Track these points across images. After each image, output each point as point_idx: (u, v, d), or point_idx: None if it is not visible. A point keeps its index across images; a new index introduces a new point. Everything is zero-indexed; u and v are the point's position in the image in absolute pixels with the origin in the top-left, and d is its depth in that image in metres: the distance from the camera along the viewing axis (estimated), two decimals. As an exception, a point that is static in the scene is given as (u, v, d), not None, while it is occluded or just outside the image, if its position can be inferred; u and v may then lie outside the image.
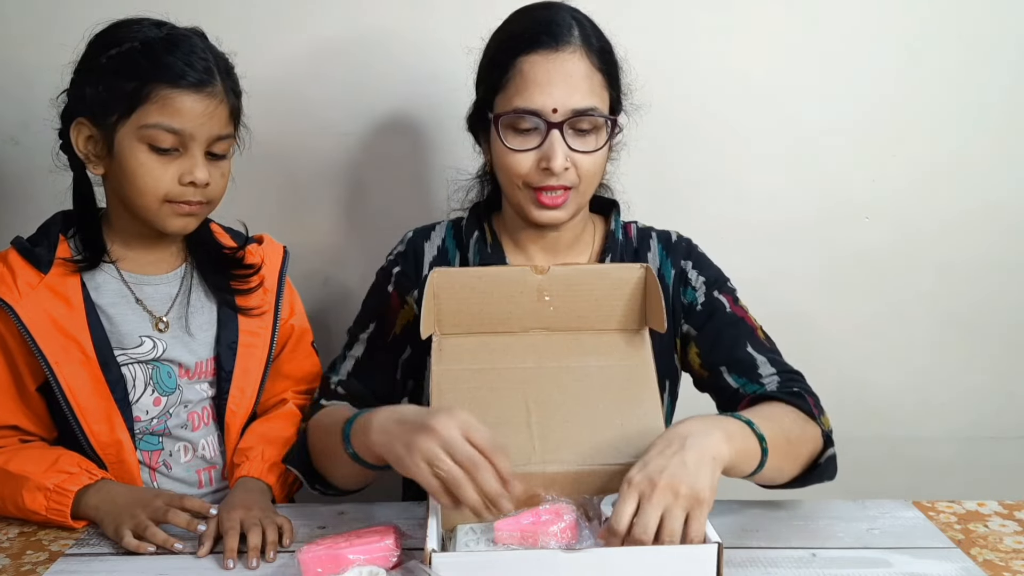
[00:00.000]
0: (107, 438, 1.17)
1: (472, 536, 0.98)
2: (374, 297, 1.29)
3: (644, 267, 1.09)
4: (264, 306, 1.29)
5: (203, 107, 1.12)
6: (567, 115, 1.13)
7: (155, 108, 1.10)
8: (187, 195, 1.14)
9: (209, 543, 1.04)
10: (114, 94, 1.11)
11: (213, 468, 1.27)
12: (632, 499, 0.88)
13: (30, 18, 1.54)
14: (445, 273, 1.09)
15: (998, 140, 1.64)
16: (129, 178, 1.13)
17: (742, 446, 0.96)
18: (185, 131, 1.11)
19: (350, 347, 1.25)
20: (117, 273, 1.21)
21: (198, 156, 1.14)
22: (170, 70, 1.11)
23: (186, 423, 1.24)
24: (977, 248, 1.69)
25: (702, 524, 0.88)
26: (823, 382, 1.71)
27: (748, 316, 1.24)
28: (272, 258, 1.33)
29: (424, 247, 1.29)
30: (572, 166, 1.15)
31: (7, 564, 1.04)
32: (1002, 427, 1.77)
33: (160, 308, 1.22)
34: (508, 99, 1.15)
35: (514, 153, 1.15)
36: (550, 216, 1.18)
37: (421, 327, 1.07)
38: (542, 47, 1.14)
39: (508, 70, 1.15)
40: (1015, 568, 1.01)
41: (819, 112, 1.62)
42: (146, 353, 1.20)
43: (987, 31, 1.60)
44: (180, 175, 1.13)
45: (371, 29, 1.57)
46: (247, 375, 1.27)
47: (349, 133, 1.61)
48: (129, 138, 1.12)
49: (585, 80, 1.14)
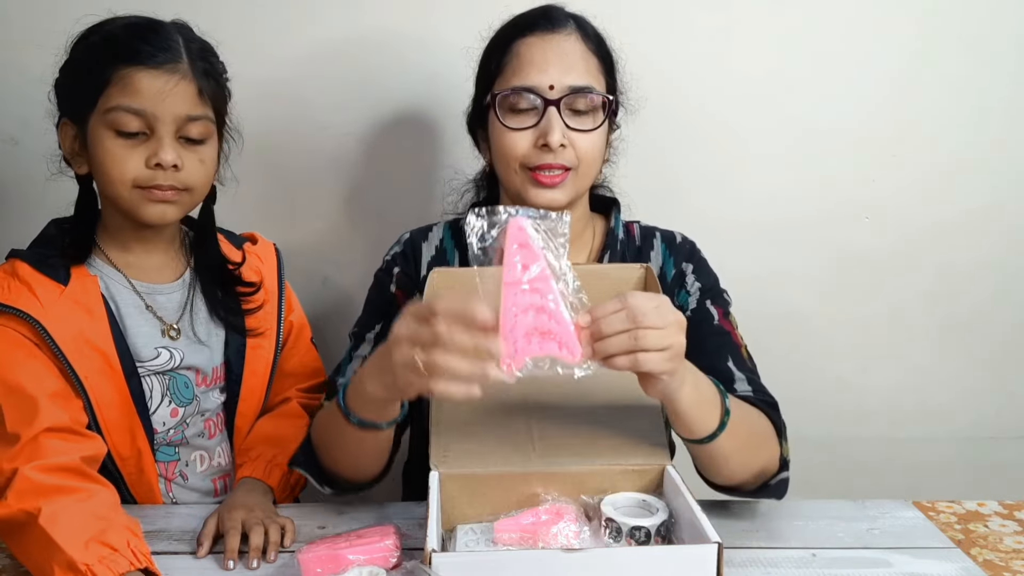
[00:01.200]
0: (128, 450, 1.15)
1: (472, 536, 0.98)
2: (377, 298, 1.27)
3: (644, 267, 1.09)
4: (265, 327, 1.28)
5: (162, 83, 1.08)
6: (564, 91, 1.14)
7: (116, 90, 1.08)
8: (157, 179, 1.10)
9: (208, 543, 1.04)
10: (82, 85, 1.10)
11: (228, 476, 1.26)
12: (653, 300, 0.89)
13: (30, 18, 1.54)
14: (446, 273, 1.09)
15: (998, 140, 1.64)
16: (99, 167, 1.11)
17: (706, 395, 0.99)
18: (146, 111, 1.08)
19: (356, 347, 1.23)
20: (128, 283, 1.19)
21: (165, 138, 1.09)
22: (127, 49, 1.08)
23: (203, 431, 1.23)
24: (977, 248, 1.69)
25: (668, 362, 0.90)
26: (823, 382, 1.73)
27: (735, 332, 1.22)
28: (267, 258, 1.32)
29: (422, 247, 1.28)
30: (570, 145, 1.15)
31: (7, 564, 1.03)
32: (1002, 427, 1.77)
33: (171, 316, 1.21)
34: (506, 80, 1.17)
35: (511, 132, 1.16)
36: (548, 197, 1.16)
37: None
38: (539, 29, 1.17)
39: (505, 53, 1.17)
40: (1015, 568, 1.01)
41: (819, 112, 1.62)
42: (163, 364, 1.18)
43: (987, 31, 1.60)
44: (147, 157, 1.09)
45: (370, 29, 1.57)
46: (255, 377, 1.26)
47: (349, 133, 1.61)
48: (97, 127, 1.09)
49: (581, 60, 1.16)
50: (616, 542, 0.95)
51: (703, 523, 0.89)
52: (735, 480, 1.08)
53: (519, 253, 0.86)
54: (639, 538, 0.94)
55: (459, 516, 1.02)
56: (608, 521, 0.95)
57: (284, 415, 1.29)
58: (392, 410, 1.00)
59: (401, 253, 1.28)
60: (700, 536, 0.87)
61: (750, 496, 1.11)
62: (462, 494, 1.01)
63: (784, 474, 1.10)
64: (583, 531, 0.95)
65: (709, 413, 0.99)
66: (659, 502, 0.99)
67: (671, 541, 0.96)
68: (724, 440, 1.00)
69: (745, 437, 1.04)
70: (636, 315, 0.87)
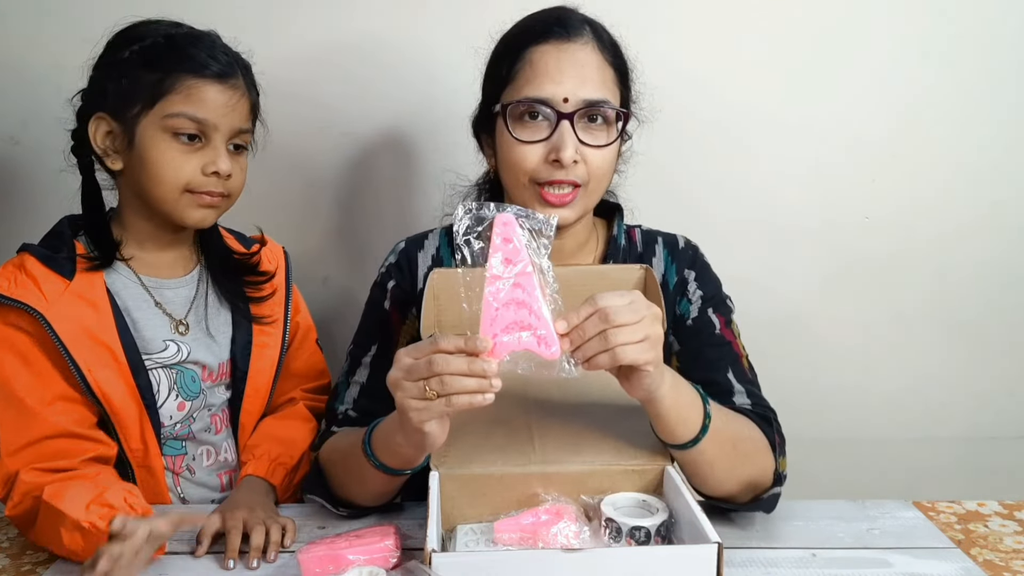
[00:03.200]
0: (136, 444, 1.16)
1: (472, 536, 0.98)
2: (372, 315, 1.24)
3: (644, 268, 1.09)
4: (275, 315, 1.29)
5: (226, 98, 1.13)
6: (578, 105, 1.10)
7: (179, 98, 1.11)
8: (209, 185, 1.14)
9: (207, 542, 1.04)
10: (137, 86, 1.11)
11: (234, 471, 1.27)
12: None
13: (30, 18, 1.54)
14: (446, 274, 1.09)
15: (1000, 142, 1.64)
16: (150, 168, 1.13)
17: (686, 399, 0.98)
18: (208, 121, 1.12)
19: (352, 372, 1.21)
20: (136, 277, 1.20)
21: (221, 147, 1.14)
22: (194, 61, 1.12)
23: (209, 426, 1.24)
24: (977, 249, 1.69)
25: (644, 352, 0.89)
26: (823, 382, 1.73)
27: (736, 343, 1.20)
28: (277, 259, 1.34)
29: (418, 257, 1.25)
30: (582, 160, 1.11)
31: (7, 564, 1.04)
32: (1002, 427, 1.77)
33: (179, 311, 1.22)
34: (517, 89, 1.12)
35: (521, 145, 1.11)
36: (557, 216, 1.15)
37: (421, 328, 1.06)
38: (554, 37, 1.11)
39: (517, 61, 1.12)
40: (1015, 568, 1.01)
41: (820, 114, 1.62)
42: (170, 357, 1.19)
43: (990, 33, 1.60)
44: (203, 165, 1.13)
45: (373, 31, 1.57)
46: (261, 375, 1.27)
47: (348, 133, 1.61)
48: (152, 128, 1.12)
49: (597, 71, 1.12)
50: (616, 542, 0.94)
51: (703, 523, 0.89)
52: (723, 490, 1.06)
53: (503, 248, 0.88)
54: (639, 538, 0.94)
55: (459, 516, 1.02)
56: (608, 521, 0.95)
57: (291, 416, 1.29)
58: (418, 459, 1.01)
59: (396, 264, 1.26)
60: (700, 536, 0.87)
61: (742, 509, 1.09)
62: (462, 494, 1.01)
63: (776, 489, 1.08)
64: (583, 531, 0.95)
65: (690, 416, 0.98)
66: (659, 502, 0.99)
67: (671, 541, 0.96)
68: (706, 446, 0.99)
69: (730, 445, 1.03)
70: (608, 315, 0.87)
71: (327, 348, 1.41)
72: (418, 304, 1.21)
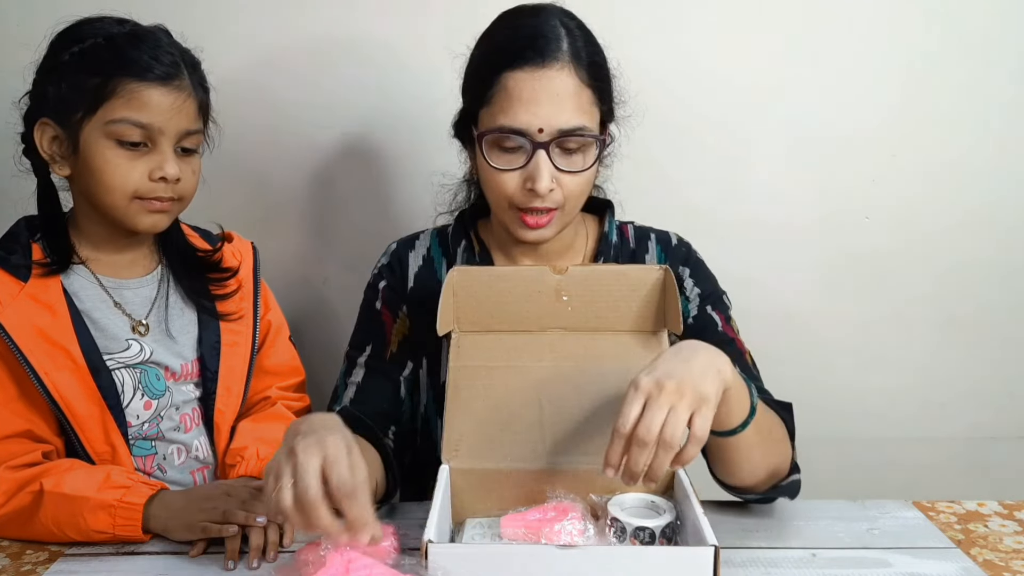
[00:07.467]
0: (102, 446, 1.15)
1: (480, 530, 1.00)
2: (366, 317, 1.25)
3: (664, 268, 1.08)
4: (242, 311, 1.28)
5: (171, 100, 1.11)
6: (553, 135, 1.09)
7: (121, 103, 1.09)
8: (157, 191, 1.12)
9: (203, 543, 1.03)
10: (78, 91, 1.09)
11: (207, 468, 1.26)
12: (638, 401, 0.86)
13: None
14: (464, 271, 1.09)
15: (998, 141, 1.64)
16: (96, 176, 1.11)
17: (739, 384, 0.95)
18: (153, 125, 1.10)
19: (349, 374, 1.21)
20: (94, 278, 1.19)
21: (167, 151, 1.12)
22: (136, 64, 1.09)
23: (179, 425, 1.23)
24: (977, 248, 1.69)
25: (707, 422, 0.86)
26: (823, 382, 1.73)
27: (738, 339, 1.21)
28: (244, 255, 1.33)
29: (409, 257, 1.26)
30: (558, 187, 1.11)
31: (7, 564, 1.04)
32: (1002, 427, 1.77)
33: (139, 312, 1.21)
34: (492, 116, 1.11)
35: (499, 172, 1.12)
36: (535, 235, 1.15)
37: (438, 324, 1.06)
38: (527, 63, 1.08)
39: (492, 85, 1.10)
40: (1015, 568, 1.01)
41: (819, 112, 1.62)
42: (133, 356, 1.18)
43: (988, 32, 1.60)
44: (150, 171, 1.11)
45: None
46: (233, 374, 1.26)
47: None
48: (95, 135, 1.10)
49: (573, 98, 1.09)
50: (620, 541, 0.94)
51: (703, 525, 0.88)
52: (754, 478, 1.06)
53: None
54: (643, 538, 0.94)
55: (468, 510, 1.03)
56: (613, 520, 0.95)
57: (272, 418, 1.29)
58: None
59: (387, 266, 1.27)
60: (699, 538, 0.87)
61: (761, 497, 1.10)
62: (472, 489, 1.02)
63: (796, 476, 1.09)
64: (588, 529, 0.95)
65: (741, 398, 0.97)
66: (667, 504, 0.99)
67: (676, 543, 0.95)
68: (751, 431, 0.99)
69: (767, 431, 1.04)
70: (639, 437, 0.85)
71: (324, 350, 1.41)
72: (409, 304, 1.23)
